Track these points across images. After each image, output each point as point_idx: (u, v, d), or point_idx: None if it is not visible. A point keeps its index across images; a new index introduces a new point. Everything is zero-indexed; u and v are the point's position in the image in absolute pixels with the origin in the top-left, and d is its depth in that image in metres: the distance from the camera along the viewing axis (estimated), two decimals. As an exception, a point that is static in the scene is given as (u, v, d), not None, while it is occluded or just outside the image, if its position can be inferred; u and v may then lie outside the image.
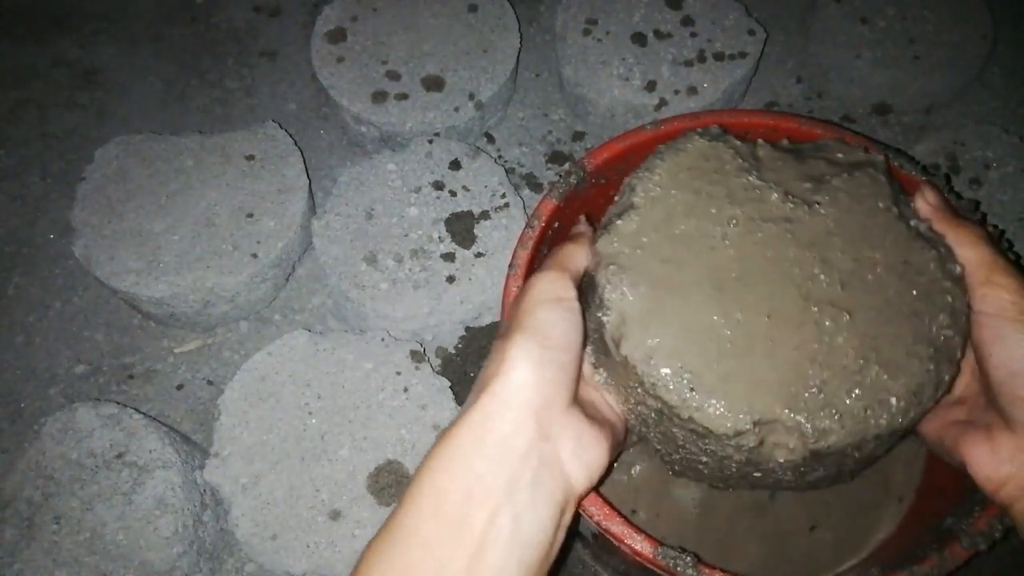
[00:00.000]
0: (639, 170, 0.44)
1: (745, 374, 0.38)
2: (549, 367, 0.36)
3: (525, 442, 0.35)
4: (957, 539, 0.42)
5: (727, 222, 0.41)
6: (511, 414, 0.35)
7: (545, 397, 0.36)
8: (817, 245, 0.40)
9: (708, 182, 0.42)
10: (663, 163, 0.43)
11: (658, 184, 0.42)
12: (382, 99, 0.77)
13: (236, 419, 0.62)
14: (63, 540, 0.58)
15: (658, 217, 0.41)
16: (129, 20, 0.94)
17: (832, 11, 0.85)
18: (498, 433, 0.34)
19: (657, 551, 0.42)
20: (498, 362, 0.36)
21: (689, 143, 0.44)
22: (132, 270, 0.68)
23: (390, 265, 0.69)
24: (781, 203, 0.42)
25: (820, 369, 0.38)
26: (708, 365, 0.38)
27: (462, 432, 0.35)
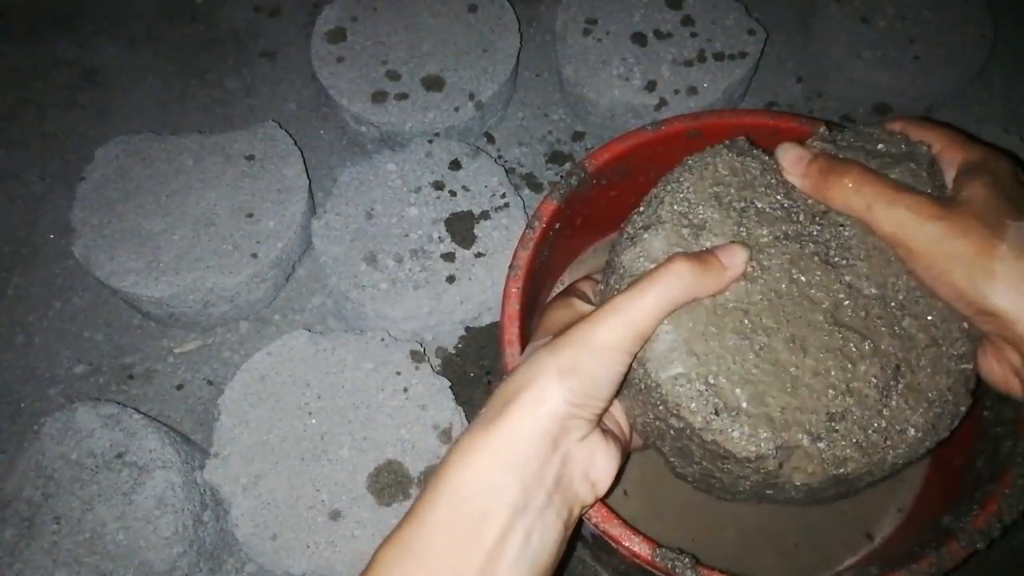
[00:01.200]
0: (666, 181, 0.43)
1: (769, 399, 0.38)
2: (582, 408, 0.36)
3: (541, 465, 0.36)
4: (955, 538, 0.42)
5: (754, 243, 0.41)
6: (534, 439, 0.35)
7: (569, 429, 0.36)
8: (844, 269, 0.40)
9: (736, 199, 0.42)
10: (691, 176, 0.42)
11: (685, 199, 0.42)
12: (382, 99, 0.77)
13: (236, 419, 0.62)
14: (63, 540, 0.58)
15: (684, 234, 0.41)
16: (129, 20, 0.94)
17: (832, 11, 0.85)
18: (518, 454, 0.35)
19: (655, 552, 0.42)
20: (532, 382, 0.36)
21: (717, 157, 0.43)
22: (132, 270, 0.68)
23: (390, 265, 0.69)
24: (808, 224, 0.41)
25: (843, 397, 0.38)
26: (733, 389, 0.38)
27: (483, 446, 0.36)
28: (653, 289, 0.37)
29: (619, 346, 0.36)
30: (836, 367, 0.38)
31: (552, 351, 0.37)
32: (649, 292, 0.37)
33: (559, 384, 0.36)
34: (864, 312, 0.40)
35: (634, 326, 0.36)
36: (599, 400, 0.37)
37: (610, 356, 0.36)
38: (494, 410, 0.37)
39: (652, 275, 0.37)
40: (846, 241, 0.41)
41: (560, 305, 0.44)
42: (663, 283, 0.37)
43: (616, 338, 0.36)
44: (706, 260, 0.38)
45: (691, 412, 0.38)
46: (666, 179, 0.43)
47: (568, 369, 0.36)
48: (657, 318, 0.37)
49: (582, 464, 0.37)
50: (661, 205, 0.42)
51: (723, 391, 0.38)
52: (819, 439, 0.37)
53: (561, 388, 0.36)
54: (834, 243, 0.41)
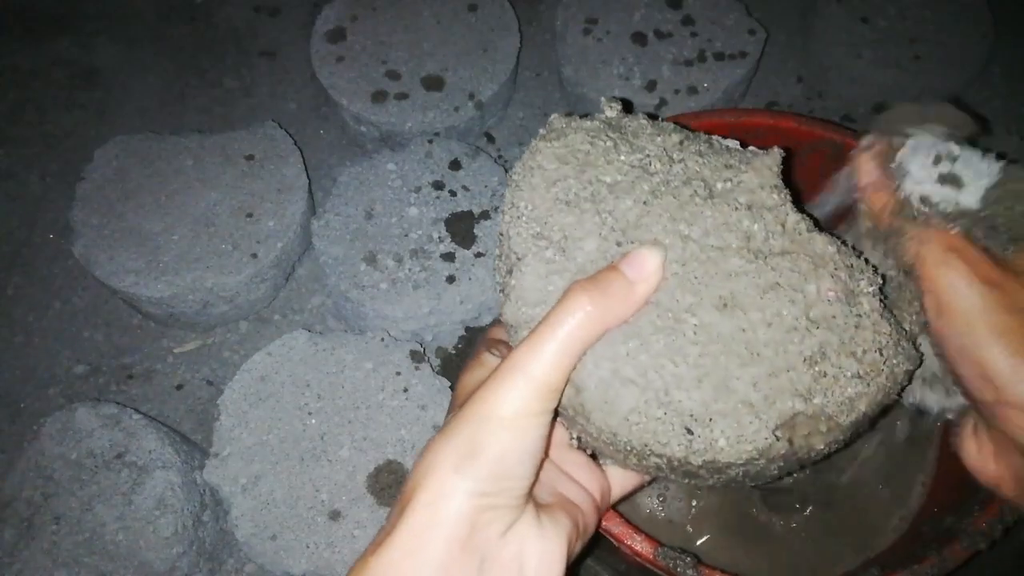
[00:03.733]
0: (504, 210, 0.37)
1: (735, 382, 0.32)
2: (496, 496, 0.30)
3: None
4: (957, 539, 0.42)
5: (625, 222, 0.35)
6: (438, 550, 0.29)
7: (482, 525, 0.30)
8: (732, 193, 0.36)
9: (580, 189, 0.36)
10: (522, 191, 0.36)
11: (531, 218, 0.35)
12: (382, 99, 0.77)
13: (236, 419, 0.62)
14: (63, 540, 0.58)
15: (551, 257, 0.35)
16: (129, 20, 0.94)
17: (833, 11, 0.85)
18: (423, 573, 0.29)
19: (657, 551, 0.42)
20: (426, 479, 0.30)
21: (537, 155, 0.37)
22: (132, 270, 0.68)
23: (390, 265, 0.69)
24: (669, 167, 0.36)
25: (810, 333, 0.33)
26: (691, 394, 0.32)
27: (382, 568, 0.30)
28: (553, 335, 0.31)
29: (527, 411, 0.30)
30: (785, 304, 0.33)
31: (446, 435, 0.31)
32: (549, 340, 0.31)
33: (459, 477, 0.29)
34: (780, 227, 0.35)
35: (539, 383, 0.30)
36: (517, 480, 0.31)
37: (517, 426, 0.30)
38: (391, 521, 0.30)
39: (549, 319, 0.31)
40: (719, 161, 0.36)
41: (473, 365, 0.37)
42: (562, 325, 0.31)
43: (520, 403, 0.30)
44: (607, 282, 0.32)
45: (664, 446, 0.32)
46: (504, 208, 0.37)
47: (467, 454, 0.30)
48: (566, 368, 0.31)
49: (510, 564, 0.31)
50: (511, 239, 0.35)
51: (682, 403, 0.32)
52: (812, 394, 0.32)
53: (462, 480, 0.29)
54: (707, 171, 0.36)
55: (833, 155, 0.50)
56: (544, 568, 0.31)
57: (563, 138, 0.37)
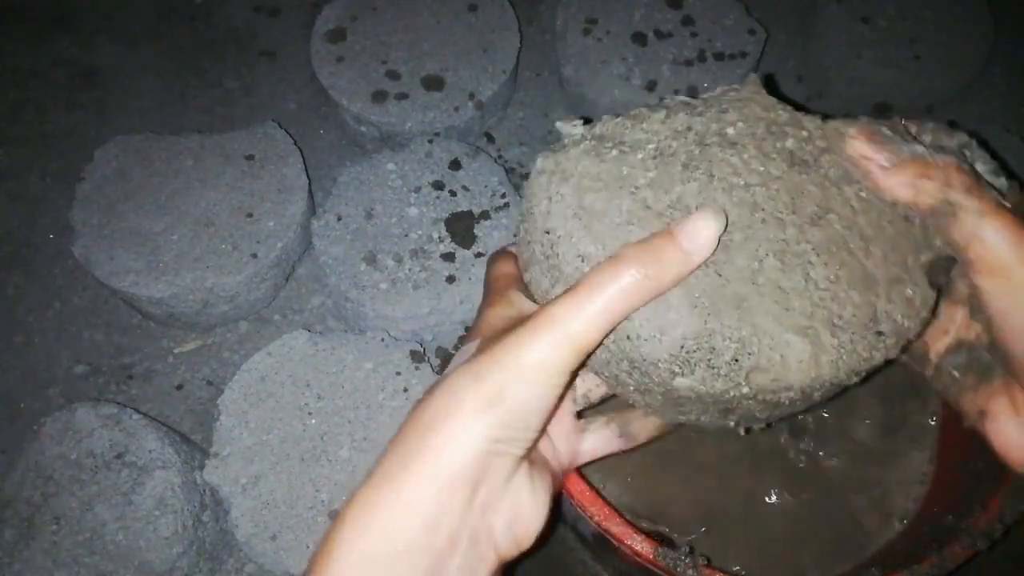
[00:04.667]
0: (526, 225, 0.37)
1: (792, 313, 0.33)
2: (508, 444, 0.31)
3: (457, 520, 0.30)
4: (957, 538, 0.42)
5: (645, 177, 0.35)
6: (449, 488, 0.30)
7: (491, 470, 0.30)
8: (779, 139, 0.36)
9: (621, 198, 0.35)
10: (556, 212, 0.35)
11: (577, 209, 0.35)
12: (382, 99, 0.77)
13: (236, 419, 0.62)
14: (63, 540, 0.58)
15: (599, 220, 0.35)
16: (128, 20, 0.94)
17: (833, 10, 0.85)
18: (431, 510, 0.30)
19: (657, 551, 0.42)
20: (449, 415, 0.30)
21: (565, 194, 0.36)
22: (131, 270, 0.68)
23: (390, 265, 0.68)
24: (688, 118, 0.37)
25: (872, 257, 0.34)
26: (745, 318, 0.33)
27: (389, 502, 0.30)
28: (598, 296, 0.30)
29: (556, 368, 0.30)
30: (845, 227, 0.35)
31: (475, 374, 0.30)
32: (592, 301, 0.30)
33: (480, 418, 0.30)
34: (807, 132, 0.36)
35: (575, 343, 0.30)
36: (530, 432, 0.31)
37: (545, 381, 0.30)
38: (400, 454, 0.30)
39: (595, 279, 0.30)
40: (714, 112, 0.37)
41: (500, 302, 0.37)
42: (608, 288, 0.30)
43: (553, 359, 0.30)
44: (660, 249, 0.31)
45: (716, 370, 0.33)
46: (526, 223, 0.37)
47: (492, 399, 0.30)
48: (604, 331, 0.30)
49: (505, 514, 0.32)
50: (550, 219, 0.35)
51: (733, 328, 0.32)
52: (888, 300, 0.34)
53: (483, 423, 0.30)
54: (713, 124, 0.37)
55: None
56: (531, 520, 0.32)
57: (572, 176, 0.35)
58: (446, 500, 0.30)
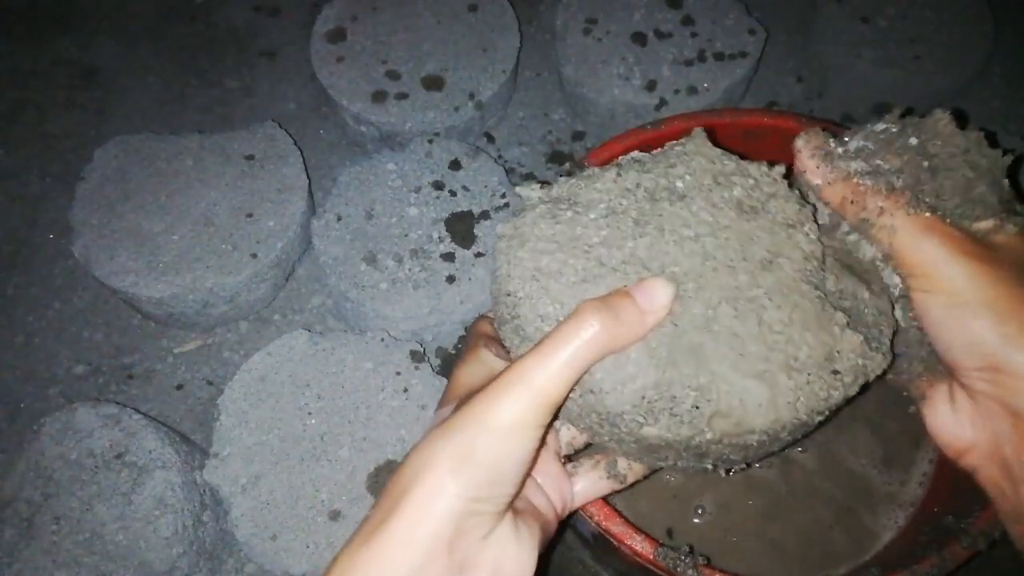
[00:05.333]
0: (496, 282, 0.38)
1: (751, 358, 0.34)
2: (484, 503, 0.31)
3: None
4: (957, 539, 0.42)
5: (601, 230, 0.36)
6: (424, 548, 0.30)
7: (467, 529, 0.31)
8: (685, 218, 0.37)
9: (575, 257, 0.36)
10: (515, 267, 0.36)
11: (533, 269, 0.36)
12: (382, 99, 0.77)
13: (236, 419, 0.62)
14: (63, 540, 0.58)
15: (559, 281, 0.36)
16: (128, 20, 0.94)
17: (833, 10, 0.85)
18: (406, 569, 0.30)
19: (657, 551, 0.42)
20: (421, 478, 0.31)
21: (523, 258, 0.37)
22: (131, 270, 0.68)
23: (390, 265, 0.69)
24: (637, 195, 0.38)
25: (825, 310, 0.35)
26: (705, 368, 0.34)
27: (365, 562, 0.30)
28: (560, 350, 0.31)
29: (527, 422, 0.31)
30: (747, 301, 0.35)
31: (446, 435, 0.31)
32: (555, 355, 0.31)
33: (452, 479, 0.30)
34: (753, 180, 0.38)
35: (542, 397, 0.31)
36: (506, 487, 0.31)
37: (517, 437, 0.31)
38: (380, 514, 0.31)
39: (557, 334, 0.32)
40: (662, 166, 0.38)
41: (470, 360, 0.38)
42: (570, 342, 0.31)
43: (521, 414, 0.30)
44: (619, 306, 0.32)
45: (679, 418, 0.34)
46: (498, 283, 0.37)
47: (463, 458, 0.30)
48: (568, 383, 0.31)
49: (487, 568, 0.32)
50: (511, 280, 0.36)
51: (698, 378, 0.33)
52: (822, 366, 0.35)
53: (455, 483, 0.30)
54: (662, 180, 0.38)
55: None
56: (519, 571, 0.32)
57: (529, 240, 0.37)
58: (423, 562, 0.30)
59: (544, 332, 0.34)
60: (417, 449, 0.32)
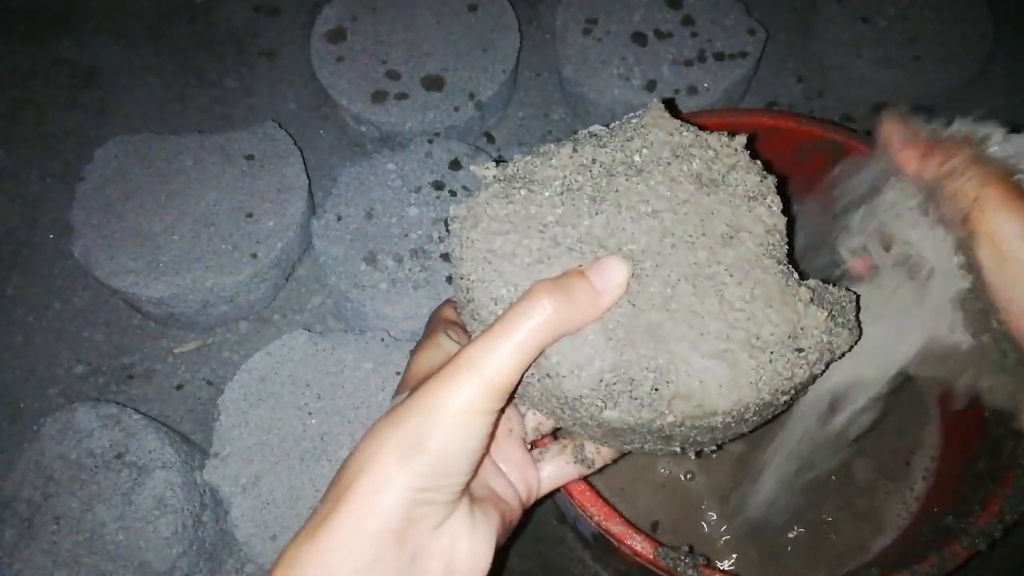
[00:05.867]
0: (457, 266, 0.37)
1: (709, 337, 0.33)
2: (434, 491, 0.30)
3: (385, 573, 0.30)
4: (957, 538, 0.42)
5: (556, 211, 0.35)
6: (372, 541, 0.29)
7: (417, 519, 0.30)
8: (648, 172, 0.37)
9: (531, 237, 0.35)
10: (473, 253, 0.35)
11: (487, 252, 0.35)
12: (382, 99, 0.77)
13: (236, 419, 0.62)
14: (62, 540, 0.58)
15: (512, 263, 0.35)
16: (128, 20, 0.94)
17: (833, 10, 0.85)
18: (354, 564, 0.29)
19: (657, 551, 0.42)
20: (367, 468, 0.30)
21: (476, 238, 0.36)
22: (131, 270, 0.68)
23: (390, 265, 0.68)
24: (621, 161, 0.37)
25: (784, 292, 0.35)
26: (664, 348, 0.33)
27: (311, 557, 0.29)
28: (510, 336, 0.30)
29: (476, 409, 0.30)
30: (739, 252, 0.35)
31: (392, 423, 0.30)
32: (505, 340, 0.30)
33: (399, 468, 0.29)
34: (713, 152, 0.37)
35: (490, 383, 0.30)
36: (456, 476, 0.30)
37: (466, 424, 0.30)
38: (326, 506, 0.30)
39: (507, 318, 0.30)
40: (620, 140, 0.37)
41: (428, 346, 0.37)
42: (520, 326, 0.30)
43: (470, 400, 0.29)
44: (572, 287, 0.31)
45: (638, 401, 0.33)
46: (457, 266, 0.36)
47: (411, 446, 0.29)
48: (518, 369, 0.30)
49: (440, 558, 0.31)
50: (464, 263, 0.35)
51: (658, 359, 0.33)
52: (785, 345, 0.34)
53: (402, 472, 0.29)
54: (619, 153, 0.37)
55: (833, 155, 0.50)
56: (473, 562, 0.32)
57: (482, 220, 0.35)
58: (373, 551, 0.29)
59: (498, 315, 0.33)
60: (364, 439, 0.31)
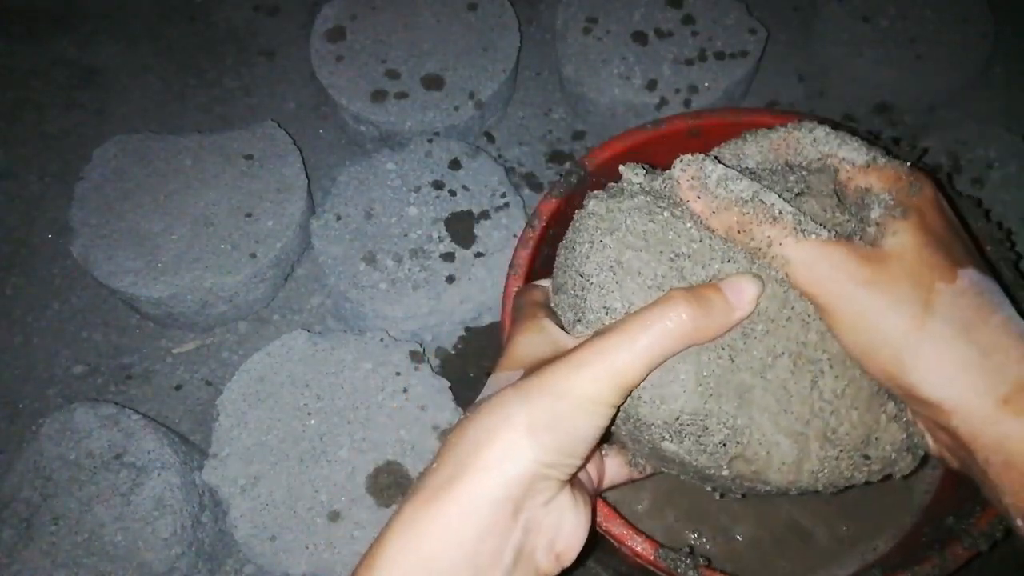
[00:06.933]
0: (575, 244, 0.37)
1: (784, 415, 0.34)
2: (554, 468, 0.31)
3: (500, 539, 0.31)
4: (958, 539, 0.42)
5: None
6: (493, 507, 0.30)
7: (535, 492, 0.31)
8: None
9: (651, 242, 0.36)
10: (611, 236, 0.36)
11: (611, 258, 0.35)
12: (381, 98, 0.77)
13: (235, 420, 0.62)
14: (61, 541, 0.58)
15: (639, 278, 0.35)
16: (128, 19, 0.94)
17: (834, 10, 0.85)
18: (473, 527, 0.30)
19: (658, 552, 0.42)
20: (497, 435, 0.31)
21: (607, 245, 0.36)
22: (130, 270, 0.68)
23: (389, 265, 0.68)
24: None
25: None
26: (742, 412, 0.34)
27: (432, 518, 0.30)
28: (644, 334, 0.31)
29: (603, 400, 0.31)
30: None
31: (524, 398, 0.31)
32: (639, 338, 0.31)
33: (529, 441, 0.30)
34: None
35: (620, 377, 0.31)
36: (575, 458, 0.32)
37: (592, 412, 0.31)
38: (447, 469, 0.31)
39: (642, 317, 0.32)
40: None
41: (532, 328, 0.37)
42: (655, 327, 0.31)
43: (600, 390, 0.31)
44: (708, 299, 0.32)
45: (700, 453, 0.34)
46: (576, 236, 0.37)
47: (543, 424, 0.31)
48: (646, 370, 0.31)
49: (547, 533, 0.32)
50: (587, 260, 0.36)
51: (731, 417, 0.33)
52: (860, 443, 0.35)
53: (532, 446, 0.30)
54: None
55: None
56: (573, 540, 0.33)
57: (619, 229, 0.35)
58: (491, 519, 0.30)
59: (603, 324, 0.34)
60: (489, 405, 0.32)
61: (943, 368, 0.31)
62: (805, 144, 0.38)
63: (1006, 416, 0.30)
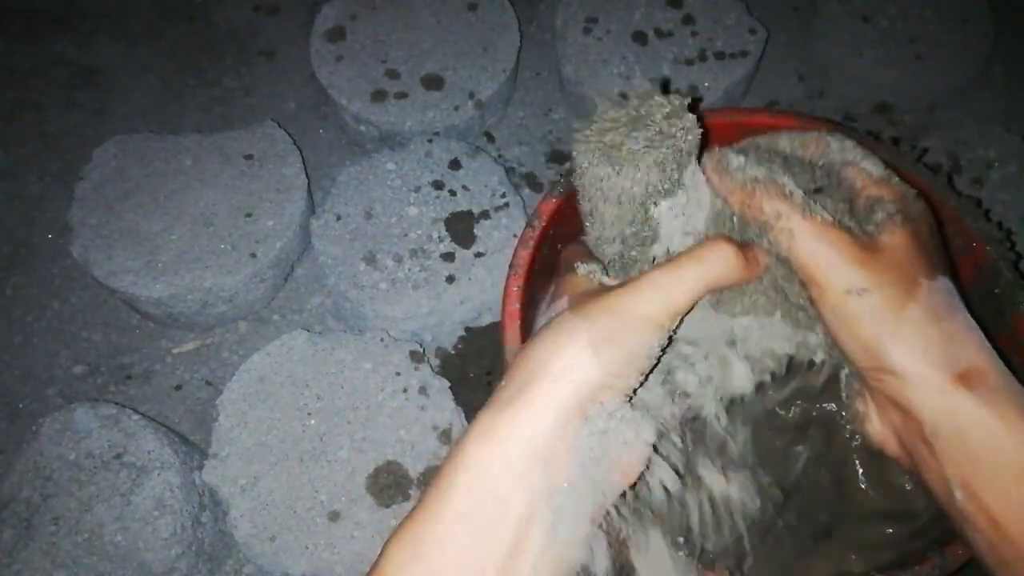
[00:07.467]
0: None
1: None
2: (618, 379, 0.34)
3: (569, 448, 0.33)
4: (959, 539, 0.42)
5: None
6: (562, 413, 0.33)
7: (600, 400, 0.34)
8: None
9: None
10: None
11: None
12: (381, 98, 0.77)
13: (235, 420, 0.62)
14: (61, 541, 0.58)
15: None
16: (128, 19, 0.94)
17: (834, 10, 0.85)
18: (544, 432, 0.32)
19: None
20: (562, 350, 0.33)
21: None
22: (130, 270, 0.68)
23: (389, 265, 0.68)
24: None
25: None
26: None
27: (505, 424, 0.33)
28: (696, 268, 0.36)
29: (656, 319, 0.34)
30: None
31: (585, 317, 0.34)
32: (691, 270, 0.35)
33: (593, 353, 0.33)
34: None
35: (673, 302, 0.35)
36: (635, 375, 0.34)
37: (650, 330, 0.34)
38: (517, 382, 0.34)
39: (696, 253, 0.36)
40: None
41: (578, 280, 0.41)
42: (706, 263, 0.36)
43: (655, 310, 0.34)
44: (749, 251, 0.38)
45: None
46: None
47: (604, 339, 0.33)
48: (695, 298, 0.35)
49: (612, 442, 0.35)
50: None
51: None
52: None
53: (595, 358, 0.33)
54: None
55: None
56: (638, 456, 0.35)
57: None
58: (563, 421, 0.32)
59: (653, 261, 0.40)
60: (551, 327, 0.35)
61: (915, 345, 0.36)
62: (834, 149, 0.42)
63: (959, 389, 0.35)
